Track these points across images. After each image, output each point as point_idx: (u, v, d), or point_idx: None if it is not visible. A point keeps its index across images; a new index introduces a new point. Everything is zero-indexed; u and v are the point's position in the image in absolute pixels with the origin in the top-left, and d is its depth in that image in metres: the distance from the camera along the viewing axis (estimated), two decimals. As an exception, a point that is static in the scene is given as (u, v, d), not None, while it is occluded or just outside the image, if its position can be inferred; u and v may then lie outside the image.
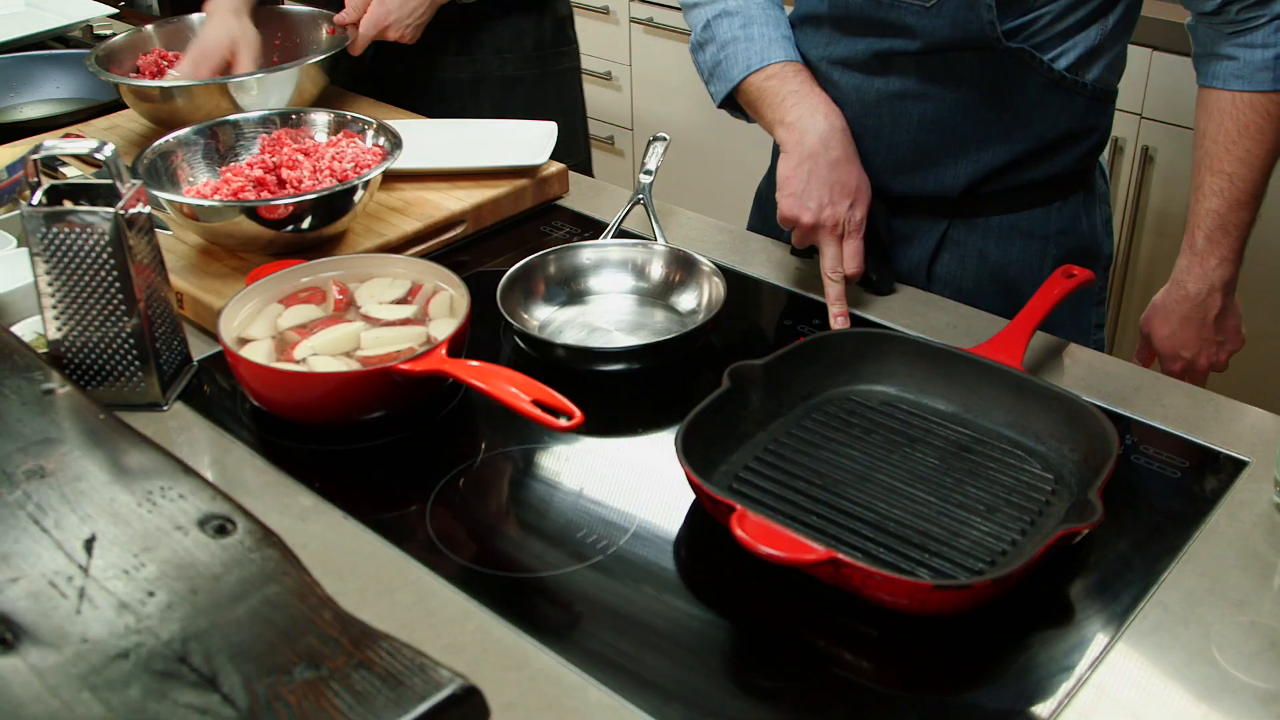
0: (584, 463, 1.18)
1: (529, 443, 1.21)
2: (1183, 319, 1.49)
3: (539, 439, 1.21)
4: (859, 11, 1.45)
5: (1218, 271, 1.45)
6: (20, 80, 2.16)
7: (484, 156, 1.65)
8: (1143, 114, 2.51)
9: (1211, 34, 1.42)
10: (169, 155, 1.52)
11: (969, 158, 1.49)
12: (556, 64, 2.15)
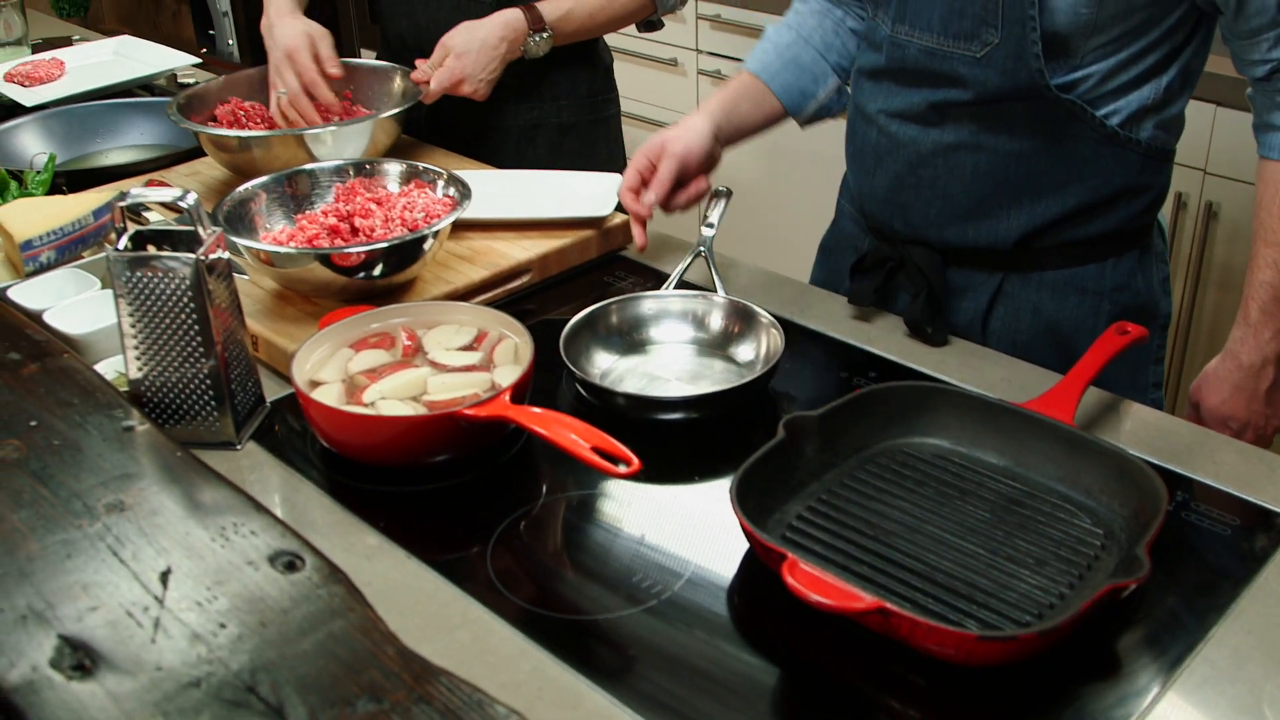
0: (641, 509, 1.21)
1: (587, 488, 1.24)
2: (1234, 388, 1.48)
3: (597, 484, 1.24)
4: (915, 63, 1.48)
5: (1272, 344, 1.45)
6: (107, 127, 2.24)
7: (550, 207, 1.69)
8: (1206, 169, 2.51)
9: (1266, 103, 1.43)
10: (247, 202, 1.58)
11: (1023, 210, 1.51)
12: (605, 110, 2.22)
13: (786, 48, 1.69)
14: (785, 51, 1.69)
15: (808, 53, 1.68)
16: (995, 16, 1.39)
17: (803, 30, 1.70)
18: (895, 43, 1.49)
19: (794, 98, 1.68)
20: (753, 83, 1.68)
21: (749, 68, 1.70)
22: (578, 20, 2.00)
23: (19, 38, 2.69)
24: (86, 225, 1.65)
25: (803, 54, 1.68)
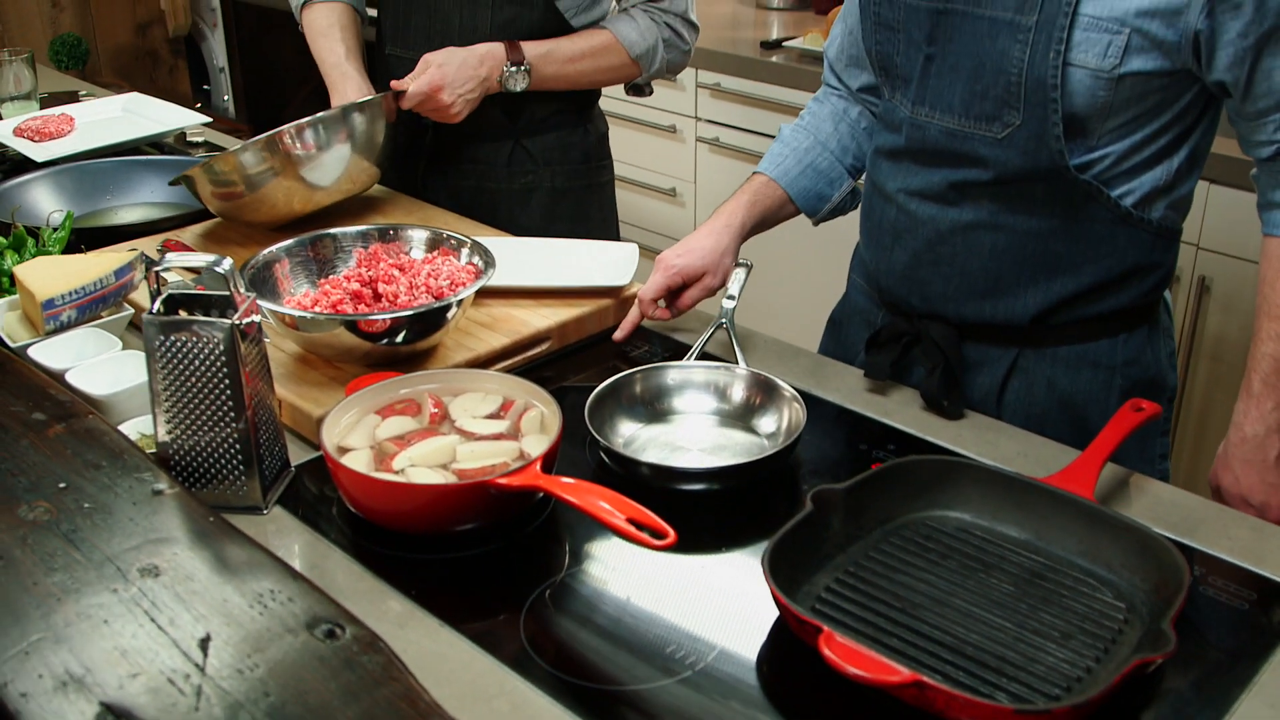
0: (668, 578, 1.22)
1: (616, 557, 1.25)
2: (1243, 463, 1.50)
3: (626, 553, 1.26)
4: (935, 144, 1.52)
5: (1275, 414, 1.47)
6: (117, 184, 2.26)
7: (569, 276, 1.72)
8: (1200, 244, 2.55)
9: (1270, 182, 1.47)
10: (271, 265, 1.59)
11: (1039, 287, 1.54)
12: (599, 176, 2.26)
13: (805, 153, 1.75)
14: (804, 157, 1.74)
15: (825, 158, 1.74)
16: (1017, 99, 1.42)
17: (820, 135, 1.75)
18: (915, 124, 1.53)
19: (811, 202, 1.75)
20: (771, 188, 1.73)
21: (768, 172, 1.75)
22: (557, 63, 2.04)
23: (28, 91, 2.71)
24: (108, 285, 1.66)
25: (820, 160, 1.74)
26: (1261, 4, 1.33)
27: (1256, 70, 1.38)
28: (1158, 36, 1.37)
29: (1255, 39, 1.35)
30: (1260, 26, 1.35)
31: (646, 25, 2.07)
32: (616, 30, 2.06)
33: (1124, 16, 1.37)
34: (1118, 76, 1.39)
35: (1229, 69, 1.38)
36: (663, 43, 2.09)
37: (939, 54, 1.50)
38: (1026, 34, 1.40)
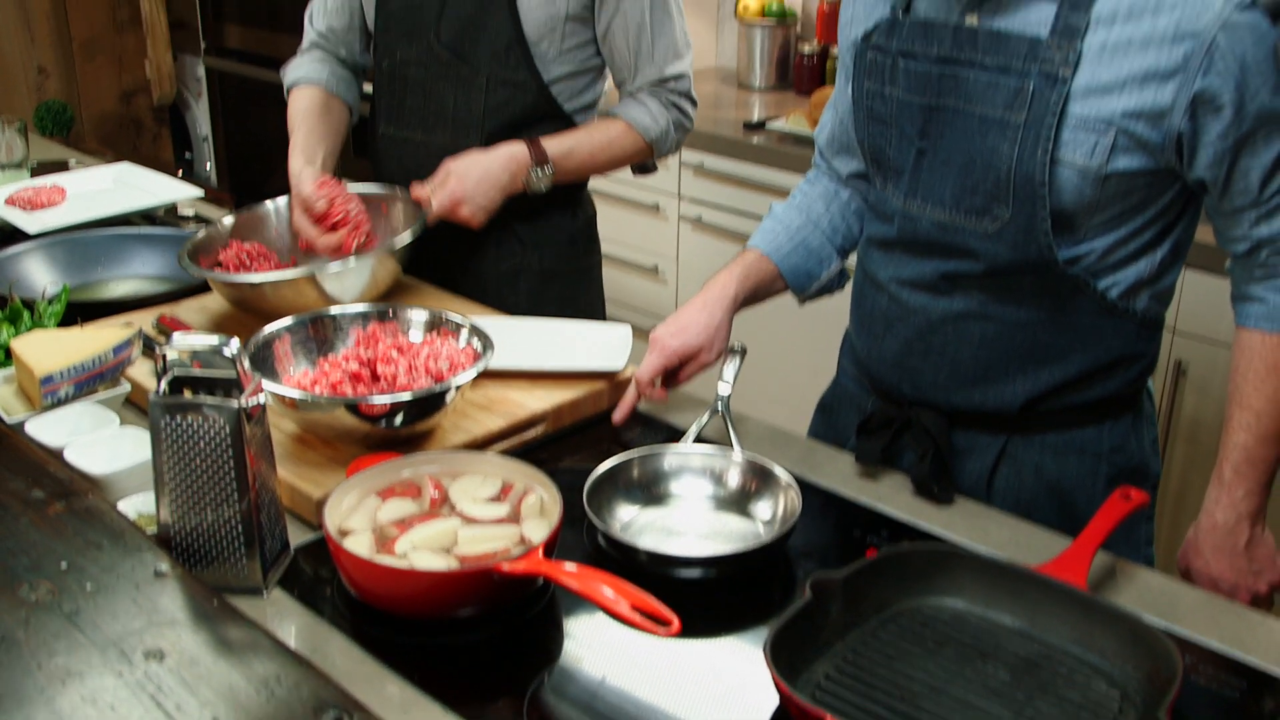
0: (668, 663, 1.23)
1: (615, 641, 1.26)
2: (1214, 549, 1.53)
3: (625, 638, 1.26)
4: (926, 235, 1.55)
5: (1245, 502, 1.51)
6: (110, 256, 2.27)
7: (565, 359, 1.74)
8: (1176, 329, 2.60)
9: (1245, 276, 1.51)
10: (271, 344, 1.61)
11: (1028, 376, 1.57)
12: (587, 260, 2.28)
13: (797, 230, 1.77)
14: (796, 235, 1.77)
15: (816, 237, 1.77)
16: (1007, 195, 1.46)
17: (812, 214, 1.78)
18: (907, 215, 1.56)
19: (800, 279, 1.77)
20: (763, 263, 1.75)
21: (761, 247, 1.77)
22: (579, 158, 2.07)
23: (20, 160, 2.73)
24: (106, 361, 1.67)
25: (811, 238, 1.77)
26: (1240, 108, 1.38)
27: (1235, 169, 1.43)
28: (1143, 137, 1.41)
29: (1234, 140, 1.40)
30: (1239, 129, 1.40)
31: (657, 109, 2.10)
32: (629, 117, 2.09)
33: (1111, 117, 1.41)
34: (1104, 175, 1.43)
35: (1209, 168, 1.43)
36: (673, 125, 2.12)
37: (930, 149, 1.53)
38: (1016, 132, 1.44)
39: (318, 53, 2.24)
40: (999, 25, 1.46)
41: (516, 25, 2.01)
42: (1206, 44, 1.36)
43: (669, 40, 2.08)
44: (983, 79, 1.47)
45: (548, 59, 2.05)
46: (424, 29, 2.07)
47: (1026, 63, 1.43)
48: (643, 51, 2.07)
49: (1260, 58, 1.37)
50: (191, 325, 1.89)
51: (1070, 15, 1.42)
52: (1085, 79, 1.41)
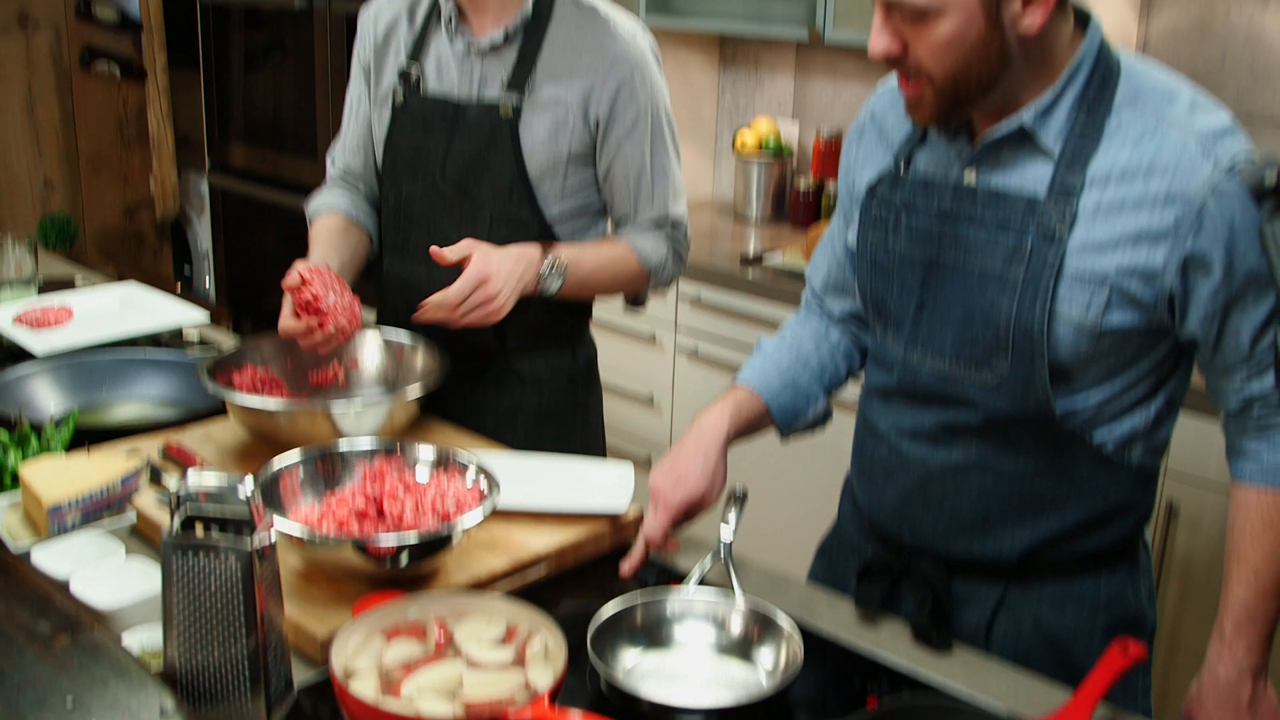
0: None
1: (616, 792, 1.26)
2: (1217, 705, 1.53)
3: (625, 788, 1.27)
4: (926, 386, 1.58)
5: (1246, 658, 1.52)
6: (115, 378, 2.29)
7: (568, 499, 1.75)
8: (1167, 470, 2.63)
9: (1239, 431, 1.55)
10: (279, 478, 1.62)
11: (1026, 526, 1.59)
12: (587, 399, 2.29)
13: (787, 369, 1.79)
14: (786, 374, 1.79)
15: (805, 376, 1.79)
16: (1006, 347, 1.50)
17: (801, 352, 1.81)
18: (907, 365, 1.60)
19: (788, 418, 1.79)
20: (753, 400, 1.77)
21: (750, 384, 1.78)
22: (587, 268, 2.07)
23: (29, 278, 2.76)
24: (114, 491, 1.69)
25: (801, 377, 1.79)
26: (1230, 269, 1.43)
27: (1225, 328, 1.47)
28: (1136, 295, 1.46)
29: (1224, 300, 1.45)
30: (1228, 289, 1.44)
31: (658, 240, 2.14)
32: (631, 241, 2.13)
33: (1105, 275, 1.45)
34: (1099, 331, 1.47)
35: (1200, 326, 1.47)
36: (670, 258, 2.16)
37: (931, 301, 1.57)
38: (1015, 287, 1.49)
39: (339, 186, 2.30)
40: (996, 184, 1.51)
41: (520, 164, 2.06)
42: (1197, 208, 1.41)
43: (668, 182, 2.13)
44: (982, 235, 1.51)
45: (550, 198, 2.10)
46: (429, 166, 2.12)
47: (1024, 220, 1.48)
48: (642, 192, 2.11)
49: (1248, 222, 1.42)
50: (197, 454, 1.91)
51: (1066, 176, 1.47)
52: (1081, 237, 1.46)
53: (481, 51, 2.08)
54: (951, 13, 1.39)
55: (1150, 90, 1.48)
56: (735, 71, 4.13)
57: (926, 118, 1.50)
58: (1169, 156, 1.43)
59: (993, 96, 1.47)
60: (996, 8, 1.39)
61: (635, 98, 2.06)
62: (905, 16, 1.41)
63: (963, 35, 1.40)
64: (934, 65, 1.43)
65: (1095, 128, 1.46)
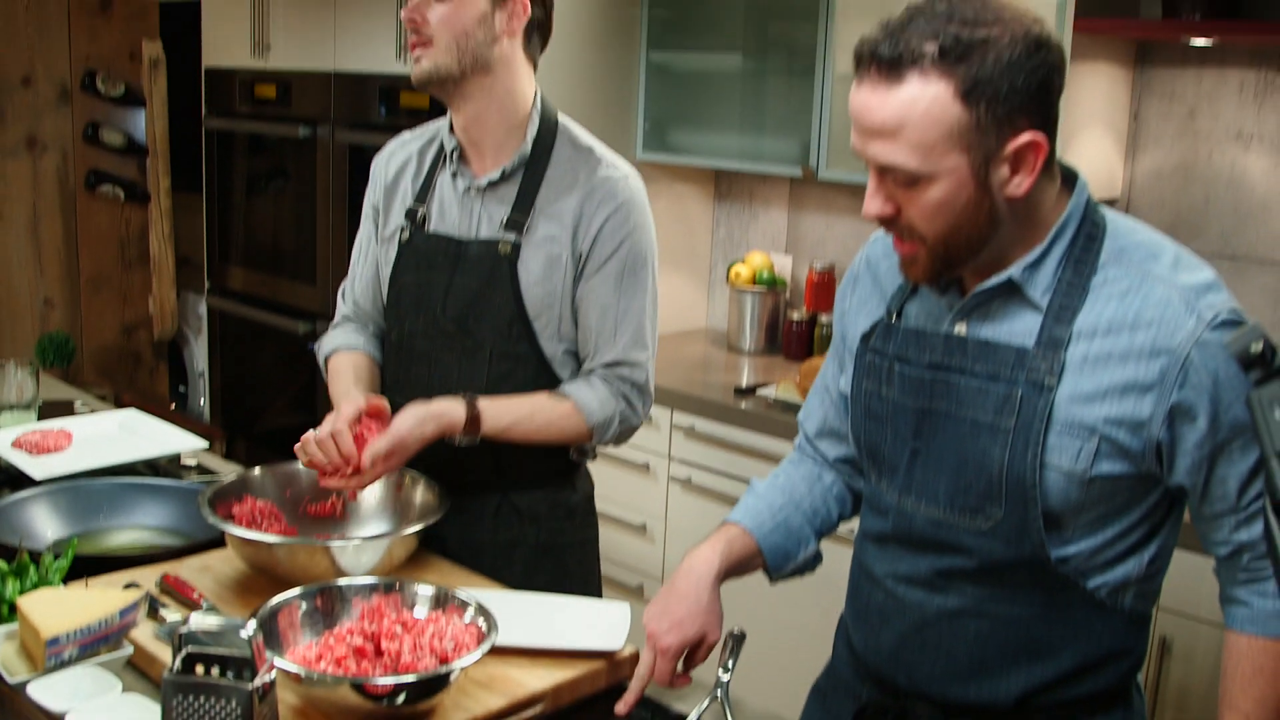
0: None
1: None
2: None
3: None
4: (921, 532, 1.61)
5: None
6: (113, 505, 2.29)
7: (565, 637, 1.76)
8: (1160, 606, 2.65)
9: (1229, 579, 1.57)
10: (277, 614, 1.63)
11: (1021, 671, 1.60)
12: (584, 534, 2.29)
13: (779, 510, 1.80)
14: (778, 514, 1.80)
15: (797, 518, 1.80)
16: (999, 495, 1.52)
17: (794, 495, 1.82)
18: (901, 512, 1.62)
19: (777, 559, 1.79)
20: (745, 539, 1.77)
21: (743, 523, 1.79)
22: (515, 436, 2.08)
23: (29, 401, 2.78)
24: (112, 624, 1.69)
25: (793, 518, 1.80)
26: (1215, 419, 1.46)
27: (1213, 477, 1.50)
28: (1124, 444, 1.49)
29: (1210, 449, 1.48)
30: (1214, 439, 1.47)
31: (605, 396, 2.12)
32: (578, 398, 2.11)
33: (1094, 424, 1.49)
34: (1089, 478, 1.50)
35: (1188, 475, 1.50)
36: (619, 416, 2.13)
37: (924, 448, 1.60)
38: (1006, 436, 1.52)
39: (350, 324, 2.34)
40: (986, 335, 1.55)
41: (518, 300, 2.10)
42: (1181, 360, 1.45)
43: (633, 328, 2.13)
44: (973, 385, 1.55)
45: (547, 334, 2.13)
46: (431, 303, 2.16)
47: (1014, 371, 1.52)
48: (604, 332, 2.12)
49: (1232, 373, 1.45)
50: (195, 587, 1.91)
51: (1054, 328, 1.51)
52: (1069, 388, 1.50)
53: (481, 190, 2.14)
54: (942, 178, 1.44)
55: (1135, 247, 1.53)
56: (730, 205, 4.22)
57: (920, 276, 1.54)
58: (1153, 311, 1.47)
59: (983, 256, 1.52)
60: (986, 173, 1.45)
61: (614, 235, 2.10)
62: (898, 180, 1.46)
63: (953, 199, 1.45)
64: (926, 227, 1.48)
65: (1081, 283, 1.51)
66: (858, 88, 1.47)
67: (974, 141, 1.43)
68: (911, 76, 1.42)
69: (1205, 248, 3.19)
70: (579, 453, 2.22)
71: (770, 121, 3.65)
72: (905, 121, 1.42)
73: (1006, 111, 1.42)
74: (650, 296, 2.15)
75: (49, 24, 4.77)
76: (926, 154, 1.43)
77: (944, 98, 1.41)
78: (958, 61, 1.40)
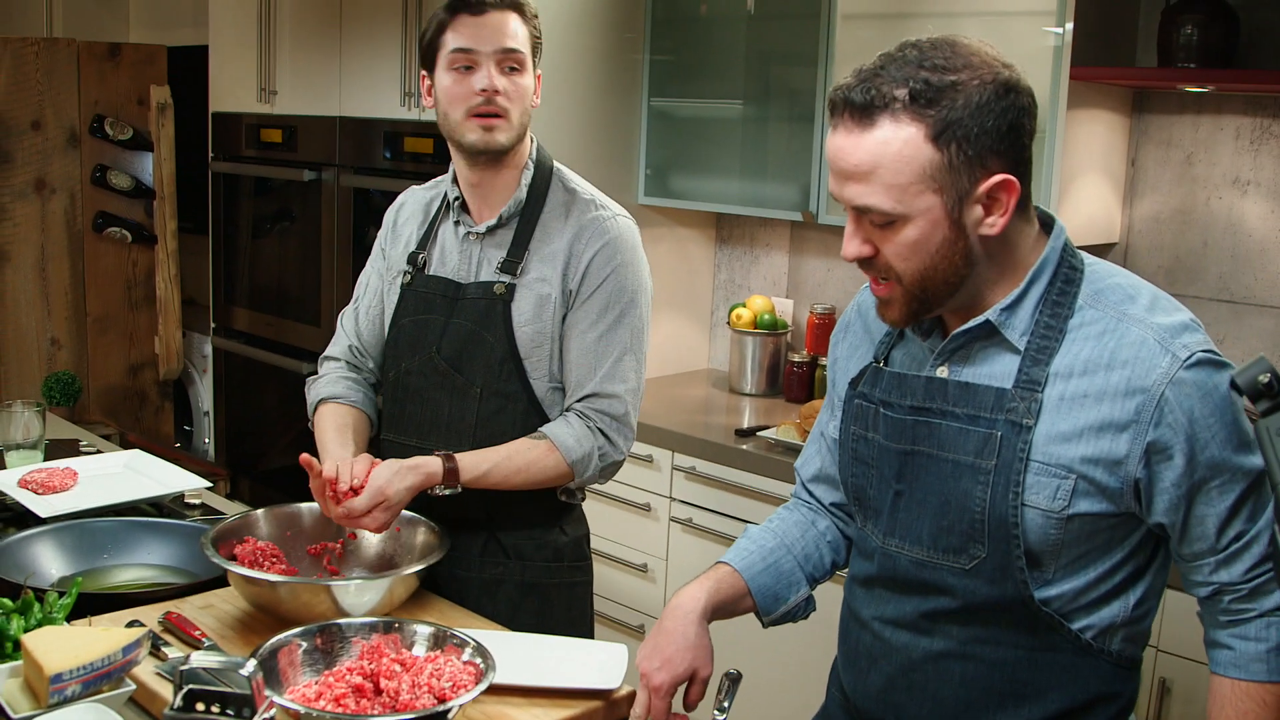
0: None
1: None
2: None
3: None
4: (905, 574, 1.63)
5: None
6: (116, 543, 2.32)
7: (561, 676, 1.78)
8: (1159, 647, 2.65)
9: (1212, 622, 1.59)
10: (277, 653, 1.65)
11: (1008, 713, 1.61)
12: (571, 576, 2.30)
13: (770, 553, 1.82)
14: (769, 556, 1.82)
15: (788, 561, 1.82)
16: (982, 534, 1.55)
17: (786, 539, 1.84)
18: (886, 553, 1.64)
19: (767, 601, 1.81)
20: (733, 579, 1.79)
21: (733, 563, 1.81)
22: (494, 480, 2.10)
23: (35, 441, 2.81)
24: (114, 661, 1.71)
25: (784, 561, 1.82)
26: (1192, 458, 1.49)
27: (1191, 516, 1.52)
28: (1102, 482, 1.51)
29: (1187, 488, 1.50)
30: (1191, 478, 1.50)
31: (582, 432, 2.14)
32: (554, 436, 2.13)
33: (1070, 463, 1.51)
34: (1067, 516, 1.52)
35: (1166, 514, 1.52)
36: (597, 452, 2.15)
37: (908, 490, 1.62)
38: (987, 476, 1.54)
39: (342, 368, 2.38)
40: (967, 377, 1.58)
41: (510, 340, 2.15)
42: (1156, 399, 1.48)
43: (612, 362, 2.16)
44: (954, 427, 1.57)
45: (538, 373, 2.17)
46: (427, 343, 2.21)
47: (994, 412, 1.54)
48: (584, 364, 2.15)
49: (1207, 412, 1.48)
50: (198, 625, 1.93)
51: (1031, 369, 1.54)
52: (1045, 427, 1.52)
53: (480, 236, 2.20)
54: (917, 219, 1.48)
55: (1112, 289, 1.56)
56: (731, 249, 4.25)
57: (897, 317, 1.57)
58: (1129, 350, 1.50)
59: (960, 297, 1.55)
60: (960, 213, 1.48)
61: (600, 271, 2.15)
62: (874, 222, 1.50)
63: (928, 239, 1.49)
64: (903, 267, 1.51)
65: (1059, 325, 1.54)
66: (833, 134, 1.51)
67: (946, 182, 1.47)
68: (884, 121, 1.46)
69: (1203, 292, 3.22)
70: (566, 494, 2.23)
71: (771, 166, 3.69)
72: (879, 163, 1.46)
73: (977, 152, 1.46)
74: (633, 332, 2.18)
75: (58, 70, 4.83)
76: (900, 195, 1.47)
77: (915, 140, 1.45)
78: (928, 105, 1.45)
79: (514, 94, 2.13)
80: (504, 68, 2.11)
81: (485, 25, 2.11)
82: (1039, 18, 2.99)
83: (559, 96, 3.72)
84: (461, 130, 2.13)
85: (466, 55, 2.11)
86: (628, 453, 2.22)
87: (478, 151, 2.14)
